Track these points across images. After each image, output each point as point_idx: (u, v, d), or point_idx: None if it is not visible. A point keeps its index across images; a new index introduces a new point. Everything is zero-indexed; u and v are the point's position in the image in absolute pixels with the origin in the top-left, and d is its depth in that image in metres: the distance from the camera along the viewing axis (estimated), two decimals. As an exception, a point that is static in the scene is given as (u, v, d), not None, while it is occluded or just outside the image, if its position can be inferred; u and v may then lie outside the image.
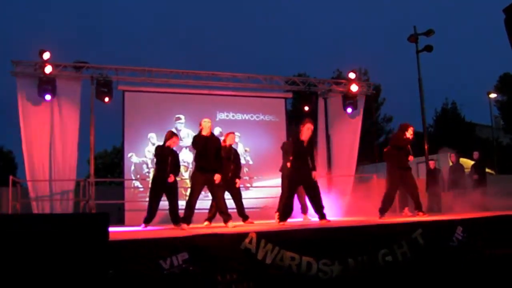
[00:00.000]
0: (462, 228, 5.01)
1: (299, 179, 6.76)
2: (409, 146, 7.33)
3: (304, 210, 8.22)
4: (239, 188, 7.84)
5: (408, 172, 7.37)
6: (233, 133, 8.14)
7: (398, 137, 7.46)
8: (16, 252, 2.95)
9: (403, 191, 8.14)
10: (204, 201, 7.78)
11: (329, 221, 6.56)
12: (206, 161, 6.49)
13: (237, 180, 7.75)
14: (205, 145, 6.49)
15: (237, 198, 7.77)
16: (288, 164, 7.19)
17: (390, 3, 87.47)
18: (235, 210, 7.67)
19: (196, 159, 6.65)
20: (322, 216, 6.65)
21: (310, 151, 6.82)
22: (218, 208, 6.74)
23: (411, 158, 7.30)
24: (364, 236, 4.57)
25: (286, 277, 4.02)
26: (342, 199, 10.61)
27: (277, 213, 7.62)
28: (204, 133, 6.53)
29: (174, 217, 6.88)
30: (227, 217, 6.54)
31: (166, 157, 7.05)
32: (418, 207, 7.38)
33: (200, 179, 6.53)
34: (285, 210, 6.82)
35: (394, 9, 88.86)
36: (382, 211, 7.18)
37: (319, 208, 6.70)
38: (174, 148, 7.33)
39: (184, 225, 6.40)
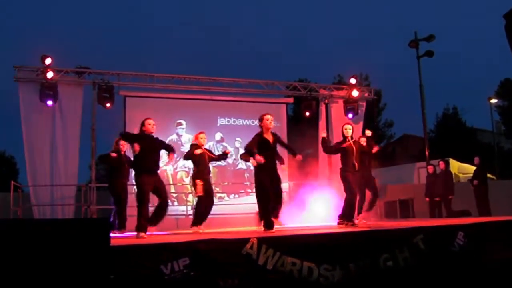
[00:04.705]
0: (463, 233, 5.00)
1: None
2: None
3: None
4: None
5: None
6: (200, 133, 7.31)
7: None
8: (16, 257, 2.96)
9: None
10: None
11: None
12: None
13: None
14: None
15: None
16: None
17: (391, 8, 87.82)
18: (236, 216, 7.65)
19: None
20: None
21: None
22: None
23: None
24: (365, 241, 4.56)
25: (287, 282, 4.01)
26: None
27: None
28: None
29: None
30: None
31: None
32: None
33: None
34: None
35: (395, 14, 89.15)
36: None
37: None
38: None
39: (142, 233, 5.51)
